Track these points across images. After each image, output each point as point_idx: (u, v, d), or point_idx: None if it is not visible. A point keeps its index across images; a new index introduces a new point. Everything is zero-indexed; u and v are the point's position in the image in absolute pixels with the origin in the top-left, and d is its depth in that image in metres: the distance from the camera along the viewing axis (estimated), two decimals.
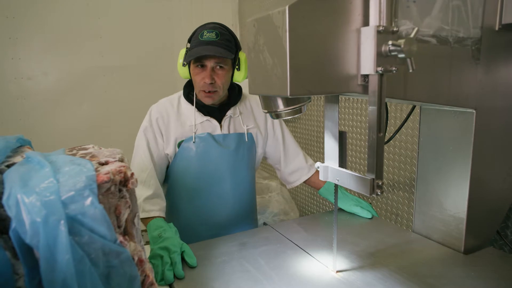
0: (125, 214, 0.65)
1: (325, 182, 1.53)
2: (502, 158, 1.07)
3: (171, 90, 1.68)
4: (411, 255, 1.09)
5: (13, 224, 0.51)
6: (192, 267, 1.06)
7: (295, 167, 1.61)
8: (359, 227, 1.32)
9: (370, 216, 1.38)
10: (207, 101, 1.41)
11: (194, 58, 1.33)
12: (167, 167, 1.50)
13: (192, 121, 1.43)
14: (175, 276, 1.01)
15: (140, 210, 1.31)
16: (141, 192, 1.34)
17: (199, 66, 1.36)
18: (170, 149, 1.44)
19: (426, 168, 1.17)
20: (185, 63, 1.41)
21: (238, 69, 1.44)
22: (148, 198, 1.35)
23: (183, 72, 1.44)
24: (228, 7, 3.32)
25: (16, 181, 0.54)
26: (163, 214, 1.36)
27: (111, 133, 3.03)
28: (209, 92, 1.38)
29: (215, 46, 1.33)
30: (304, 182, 1.62)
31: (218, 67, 1.37)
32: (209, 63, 1.35)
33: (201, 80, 1.37)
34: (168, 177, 1.50)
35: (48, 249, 0.50)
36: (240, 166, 1.48)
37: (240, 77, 1.45)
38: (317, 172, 1.61)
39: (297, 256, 1.11)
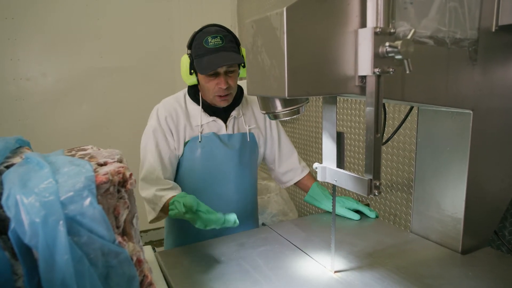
0: (123, 215, 0.65)
1: (310, 187, 1.54)
2: (499, 159, 1.08)
3: (170, 91, 1.68)
4: (409, 255, 1.10)
5: (12, 225, 0.51)
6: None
7: (288, 167, 1.61)
8: (358, 227, 1.33)
9: (357, 218, 1.37)
10: (224, 104, 1.43)
11: (204, 73, 1.33)
12: None
13: (198, 121, 1.44)
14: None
15: (155, 202, 1.30)
16: (153, 189, 1.33)
17: (211, 74, 1.36)
18: (179, 148, 1.45)
19: (423, 169, 1.17)
20: (192, 71, 1.40)
21: (244, 66, 1.44)
22: (161, 190, 1.34)
23: (190, 80, 1.43)
24: (227, 8, 3.33)
25: (16, 181, 0.55)
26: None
27: (110, 133, 3.03)
28: (225, 95, 1.40)
29: (225, 52, 1.34)
30: (296, 184, 1.63)
31: (229, 71, 1.38)
32: (222, 69, 1.36)
33: (215, 86, 1.37)
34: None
35: (47, 249, 0.50)
36: (244, 166, 1.49)
37: (245, 73, 1.45)
38: (308, 174, 1.62)
39: (295, 257, 1.11)
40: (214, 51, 1.33)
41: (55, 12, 2.78)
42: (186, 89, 1.51)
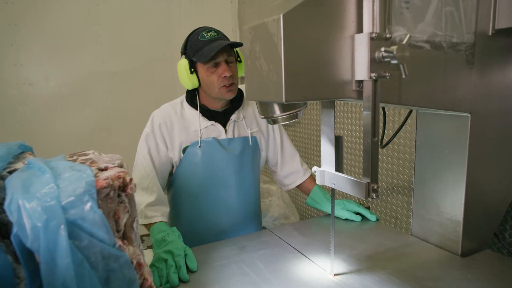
0: (124, 219, 0.66)
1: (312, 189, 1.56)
2: (497, 161, 1.08)
3: (172, 95, 1.69)
4: (408, 258, 1.10)
5: (15, 229, 0.52)
6: (192, 272, 1.07)
7: (290, 170, 1.62)
8: (358, 230, 1.33)
9: (358, 220, 1.39)
10: (229, 95, 1.42)
11: (206, 60, 1.35)
12: (170, 173, 1.50)
13: (197, 126, 1.44)
14: (179, 280, 1.02)
15: (143, 217, 1.32)
16: (143, 199, 1.35)
17: (213, 65, 1.37)
18: (175, 155, 1.44)
19: (423, 172, 1.18)
20: (192, 70, 1.40)
21: (240, 61, 1.46)
22: (151, 205, 1.35)
23: (192, 80, 1.40)
24: (228, 12, 3.35)
25: (18, 187, 0.56)
26: (165, 219, 1.36)
27: (112, 138, 3.05)
28: (230, 85, 1.40)
29: (221, 41, 1.37)
30: (297, 186, 1.63)
31: (229, 62, 1.40)
32: (222, 58, 1.37)
33: (219, 77, 1.37)
34: (173, 182, 1.50)
35: (48, 253, 0.51)
36: (245, 170, 1.49)
37: (242, 70, 1.48)
38: (310, 177, 1.63)
39: (295, 260, 1.12)
40: (211, 41, 1.36)
41: (57, 17, 2.81)
42: (184, 95, 1.51)
